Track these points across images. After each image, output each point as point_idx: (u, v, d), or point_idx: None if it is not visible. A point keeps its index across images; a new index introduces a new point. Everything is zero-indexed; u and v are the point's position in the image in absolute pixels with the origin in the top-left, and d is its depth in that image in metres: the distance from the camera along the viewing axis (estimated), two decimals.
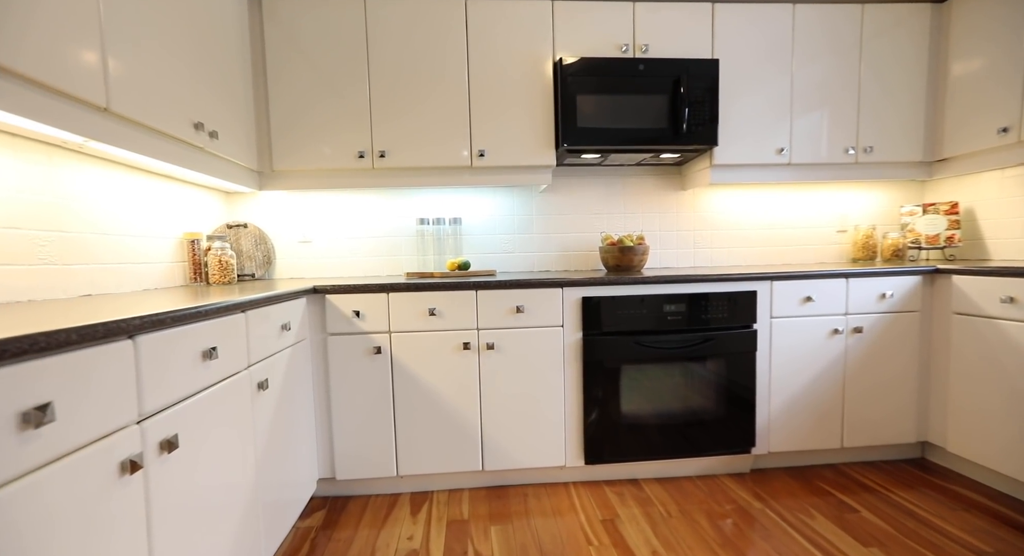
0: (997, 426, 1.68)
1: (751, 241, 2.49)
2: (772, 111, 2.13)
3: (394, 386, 1.77)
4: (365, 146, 2.00)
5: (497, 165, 2.04)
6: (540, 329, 1.80)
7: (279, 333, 1.43)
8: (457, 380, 1.79)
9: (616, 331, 1.81)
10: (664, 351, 1.81)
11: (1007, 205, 2.17)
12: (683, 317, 1.82)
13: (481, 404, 1.80)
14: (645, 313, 1.80)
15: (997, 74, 1.94)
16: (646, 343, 1.80)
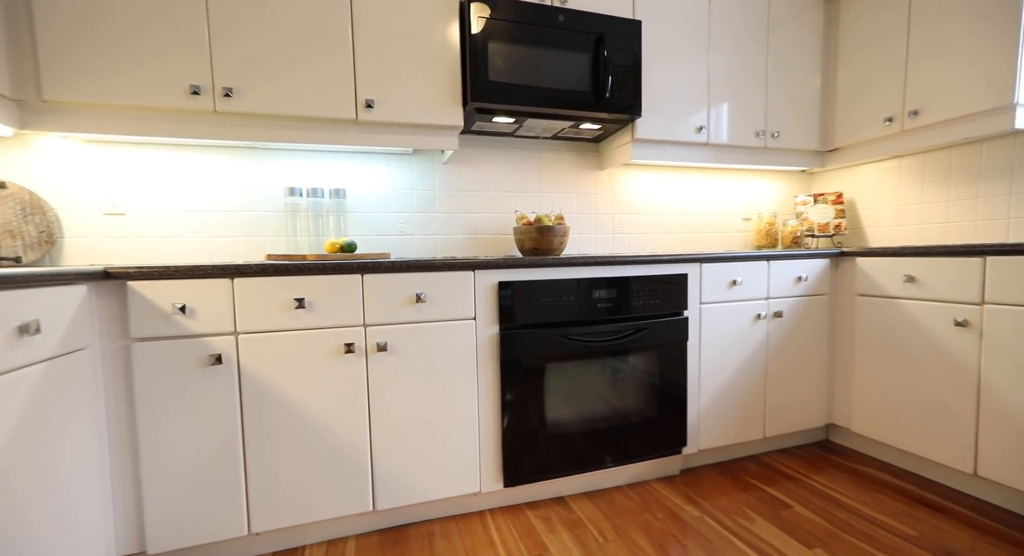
0: (900, 404, 1.71)
1: (668, 227, 2.38)
2: (692, 88, 2.02)
3: (243, 409, 1.26)
4: (201, 77, 1.44)
5: (391, 121, 1.62)
6: (447, 323, 1.43)
7: (11, 340, 0.87)
8: (337, 395, 1.34)
9: (539, 323, 1.51)
10: (593, 345, 1.56)
11: (881, 196, 2.32)
12: (614, 304, 1.58)
13: (371, 424, 1.37)
14: (572, 301, 1.53)
15: (882, 67, 2.03)
16: (574, 336, 1.53)
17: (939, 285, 1.58)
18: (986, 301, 1.47)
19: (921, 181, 2.16)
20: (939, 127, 1.86)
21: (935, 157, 2.10)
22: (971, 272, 1.50)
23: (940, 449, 1.60)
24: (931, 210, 2.12)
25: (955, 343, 1.54)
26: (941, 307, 1.58)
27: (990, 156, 1.92)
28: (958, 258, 1.53)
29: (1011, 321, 1.41)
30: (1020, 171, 1.83)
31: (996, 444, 1.45)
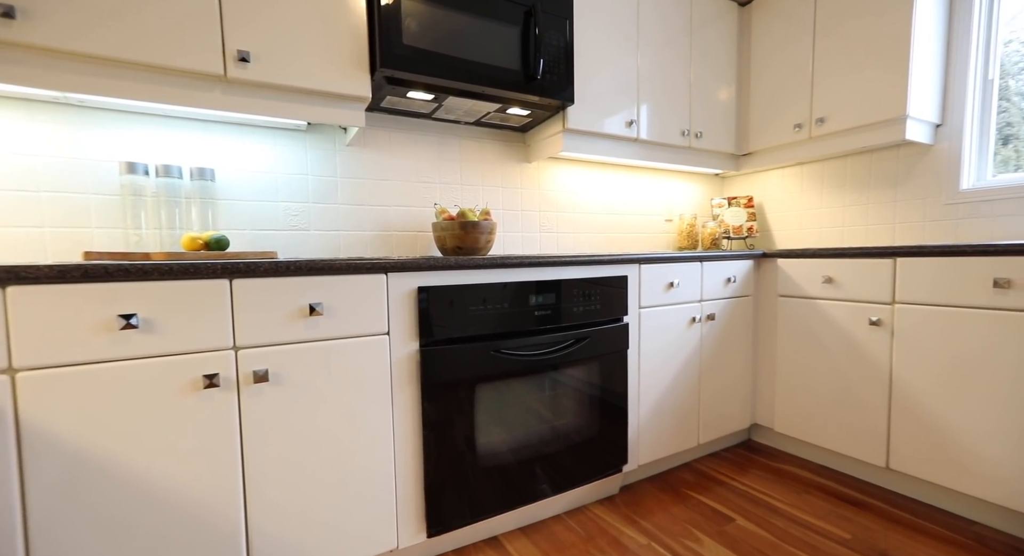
0: (819, 402, 1.75)
1: (595, 226, 2.27)
2: (622, 81, 1.91)
3: (25, 490, 0.84)
4: None
5: (274, 82, 1.26)
6: (353, 341, 1.13)
7: None
8: (192, 447, 0.97)
9: (468, 336, 1.26)
10: (531, 360, 1.35)
11: (786, 200, 2.44)
12: (552, 312, 1.39)
13: (245, 481, 1.02)
14: (506, 308, 1.31)
15: (792, 75, 2.10)
16: (509, 350, 1.31)
17: (855, 286, 1.63)
18: (897, 301, 1.53)
19: (821, 187, 2.29)
20: (842, 135, 1.95)
21: (832, 165, 2.24)
22: (883, 273, 1.56)
23: (856, 444, 1.65)
24: (830, 215, 2.26)
25: (869, 341, 1.60)
26: (857, 307, 1.63)
27: (878, 166, 2.07)
28: (872, 259, 1.58)
29: (918, 319, 1.48)
30: (903, 180, 1.99)
31: (906, 437, 1.52)
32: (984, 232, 1.78)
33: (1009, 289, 1.29)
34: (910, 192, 1.98)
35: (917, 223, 1.96)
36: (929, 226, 1.92)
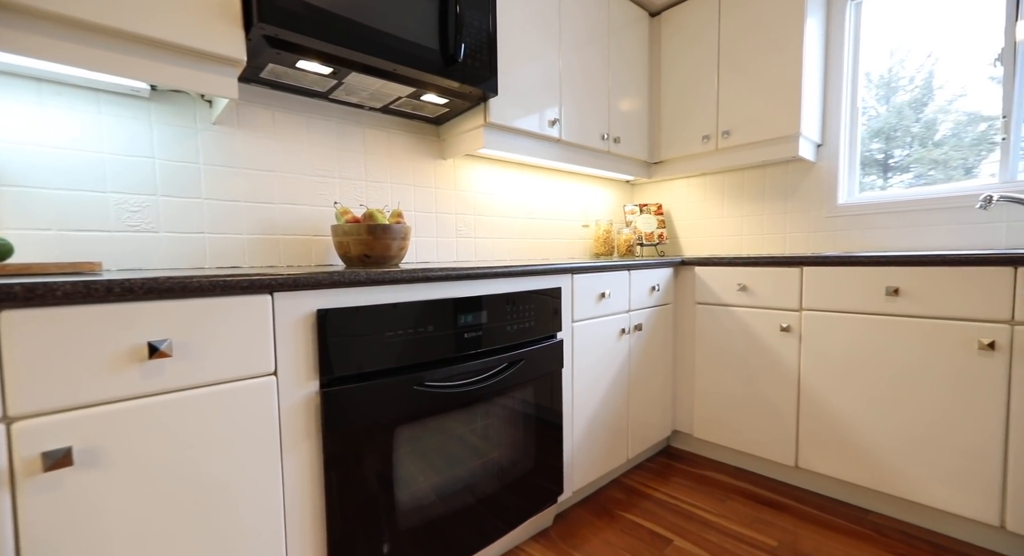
0: (735, 407, 1.80)
1: (516, 232, 2.12)
2: (546, 77, 1.79)
3: None
4: None
5: (94, 21, 0.89)
6: (219, 389, 0.81)
7: None
8: None
9: (384, 369, 1.01)
10: (461, 392, 1.14)
11: (691, 209, 2.55)
12: (485, 332, 1.19)
13: None
14: (431, 331, 1.08)
15: (700, 87, 2.17)
16: (434, 382, 1.08)
17: (767, 293, 1.69)
18: (804, 307, 1.61)
19: (721, 198, 2.42)
20: (745, 148, 2.06)
21: (731, 177, 2.37)
22: (791, 281, 1.63)
23: (769, 446, 1.71)
24: (730, 224, 2.39)
25: (780, 347, 1.67)
26: (769, 314, 1.69)
27: (771, 179, 2.23)
28: (781, 268, 1.65)
29: (822, 325, 1.57)
30: (792, 193, 2.17)
31: (812, 437, 1.60)
32: (857, 243, 1.98)
33: (898, 297, 1.41)
34: (798, 204, 2.15)
35: (804, 233, 2.13)
36: (814, 236, 2.11)
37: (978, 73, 1.80)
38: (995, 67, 1.77)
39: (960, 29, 1.83)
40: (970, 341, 1.29)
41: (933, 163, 1.91)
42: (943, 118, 1.89)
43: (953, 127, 1.86)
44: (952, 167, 1.85)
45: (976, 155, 1.80)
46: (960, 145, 1.84)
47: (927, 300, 1.36)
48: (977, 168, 1.79)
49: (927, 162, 1.92)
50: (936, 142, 1.90)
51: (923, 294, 1.36)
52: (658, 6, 2.30)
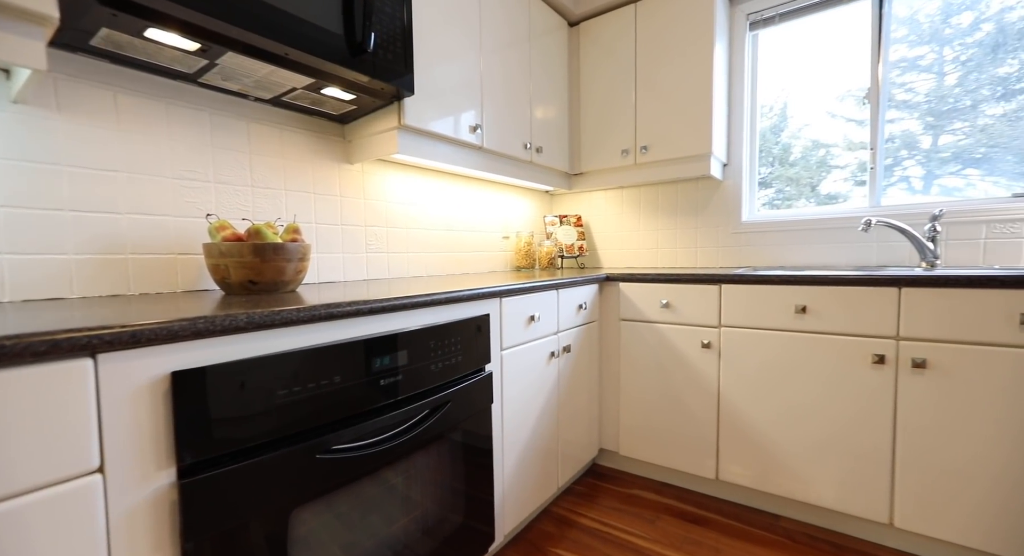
0: (660, 423, 1.81)
1: (433, 245, 1.94)
2: (467, 79, 1.64)
3: None
4: None
5: None
6: (3, 508, 0.54)
7: None
8: None
9: (274, 439, 0.78)
10: (377, 452, 0.94)
11: (609, 221, 2.57)
12: (405, 375, 1.01)
13: None
14: (337, 383, 0.87)
15: (618, 101, 2.18)
16: (344, 444, 0.88)
17: (688, 310, 1.72)
18: (723, 324, 1.65)
19: (638, 211, 2.46)
20: (662, 164, 2.09)
21: (647, 191, 2.42)
22: (711, 298, 1.67)
23: (691, 460, 1.74)
24: (646, 237, 2.44)
25: (701, 363, 1.70)
26: (691, 330, 1.72)
27: (683, 195, 2.32)
28: (702, 285, 1.68)
29: (739, 341, 1.62)
30: (702, 210, 2.26)
31: (731, 450, 1.65)
32: (759, 257, 2.12)
33: (806, 314, 1.49)
34: (708, 220, 2.25)
35: (714, 248, 2.24)
36: (722, 251, 2.22)
37: (819, 107, 2.06)
38: (863, 105, 1.99)
39: (810, 70, 2.05)
40: (864, 355, 1.40)
41: (789, 180, 2.14)
42: (795, 143, 2.12)
43: (802, 151, 2.11)
44: (802, 185, 2.11)
45: (819, 176, 2.06)
46: (808, 166, 2.09)
47: (829, 317, 1.45)
48: (819, 186, 2.07)
49: (784, 179, 2.15)
50: (791, 162, 2.13)
51: (825, 312, 1.45)
52: (577, 16, 2.27)
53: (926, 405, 1.32)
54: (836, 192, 2.06)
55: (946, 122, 1.83)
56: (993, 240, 1.66)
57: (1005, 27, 1.71)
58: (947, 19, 1.82)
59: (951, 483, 1.30)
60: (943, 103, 1.83)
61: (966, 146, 1.79)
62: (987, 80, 1.74)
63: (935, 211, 1.67)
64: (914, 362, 1.32)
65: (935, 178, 1.86)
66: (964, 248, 1.70)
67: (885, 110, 1.93)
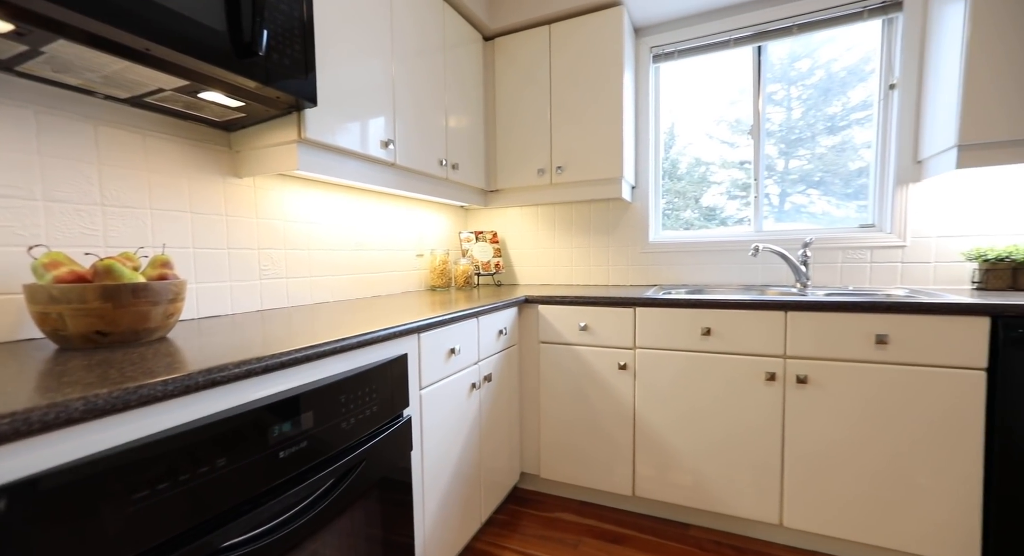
0: (580, 444, 1.82)
1: (340, 267, 1.76)
2: (377, 90, 1.51)
3: None
4: None
5: None
6: None
7: None
8: None
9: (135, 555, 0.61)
10: (279, 537, 0.79)
11: (525, 238, 2.57)
12: (310, 442, 0.86)
13: None
14: (224, 465, 0.71)
15: (534, 120, 2.18)
16: (236, 539, 0.72)
17: (606, 332, 1.76)
18: (637, 346, 1.71)
19: (553, 228, 2.49)
20: (577, 185, 2.13)
21: (562, 209, 2.46)
22: (627, 321, 1.72)
23: (609, 479, 1.78)
24: (561, 254, 2.48)
25: (618, 383, 1.74)
26: (608, 352, 1.75)
27: (596, 215, 2.39)
28: (618, 308, 1.73)
29: (652, 362, 1.69)
30: (614, 229, 2.36)
31: (646, 466, 1.72)
32: (664, 276, 2.26)
33: (710, 336, 1.60)
34: (619, 240, 2.35)
35: (624, 266, 2.34)
36: (632, 269, 2.33)
37: (700, 130, 2.30)
38: (747, 138, 2.22)
39: (696, 97, 2.26)
40: (759, 373, 1.54)
41: (677, 193, 2.36)
42: (681, 159, 2.34)
43: (687, 167, 2.34)
44: (688, 197, 2.35)
45: (701, 189, 2.31)
46: (692, 180, 2.32)
47: (730, 338, 1.57)
48: (702, 198, 2.31)
49: (673, 192, 2.37)
50: (678, 177, 2.35)
51: (727, 333, 1.57)
52: (492, 31, 2.23)
53: (808, 416, 1.48)
54: (715, 204, 2.29)
55: (794, 149, 2.13)
56: (847, 264, 1.94)
57: (832, 75, 2.03)
58: (792, 63, 2.11)
59: (827, 482, 1.47)
60: (792, 133, 2.13)
61: (808, 170, 2.10)
62: (821, 117, 2.06)
63: (806, 239, 1.90)
64: (798, 378, 1.48)
65: (787, 196, 2.15)
66: (827, 271, 1.97)
67: (764, 143, 2.17)
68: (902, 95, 1.83)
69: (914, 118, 1.82)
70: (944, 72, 1.61)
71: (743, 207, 2.23)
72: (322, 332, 1.00)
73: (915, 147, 1.82)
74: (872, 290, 1.81)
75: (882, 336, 1.37)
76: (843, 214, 2.05)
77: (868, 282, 1.91)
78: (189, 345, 0.87)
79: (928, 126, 1.72)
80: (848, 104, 2.01)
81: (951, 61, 1.57)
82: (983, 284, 1.66)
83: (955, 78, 1.54)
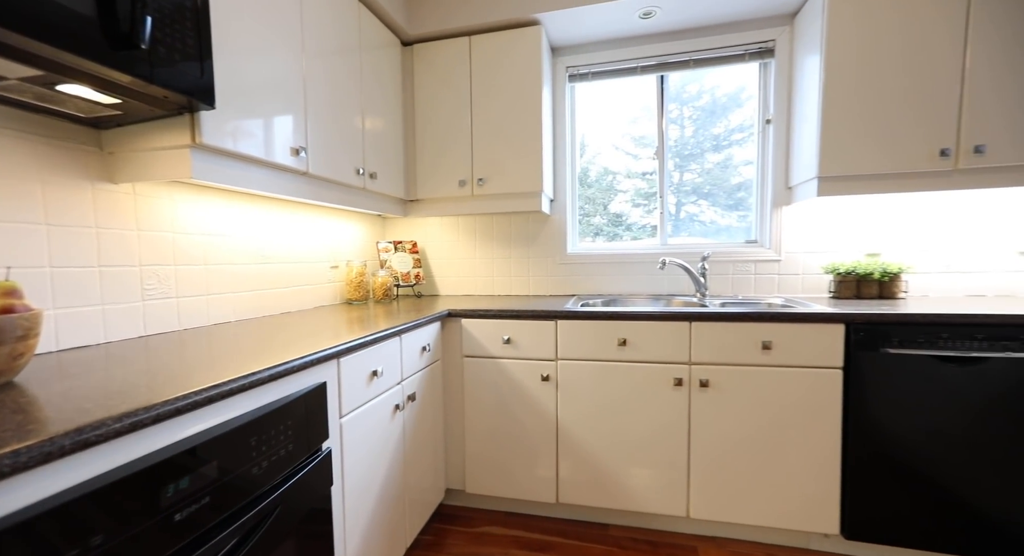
0: (505, 457, 1.83)
1: (242, 282, 1.59)
2: (285, 87, 1.39)
3: None
4: None
5: None
6: None
7: None
8: None
9: None
10: None
11: (446, 248, 2.54)
12: (213, 495, 0.76)
13: None
14: (100, 545, 0.60)
15: (454, 133, 2.16)
16: None
17: (529, 345, 1.79)
18: (559, 357, 1.77)
19: (474, 239, 2.49)
20: (498, 197, 2.15)
21: (483, 220, 2.47)
22: (549, 334, 1.77)
23: (534, 488, 1.81)
24: (483, 265, 2.49)
25: (542, 395, 1.78)
26: (531, 364, 1.79)
27: (517, 227, 2.43)
28: (540, 321, 1.77)
29: (573, 373, 1.75)
30: (534, 240, 2.42)
31: (568, 473, 1.78)
32: (583, 286, 2.36)
33: (626, 346, 1.70)
34: (539, 251, 2.41)
35: (545, 277, 2.41)
36: (552, 279, 2.40)
37: (608, 142, 2.47)
38: (653, 159, 2.41)
39: (604, 112, 2.43)
40: (668, 379, 1.67)
41: (588, 200, 2.51)
42: (591, 167, 2.51)
43: (596, 175, 2.51)
44: (597, 204, 2.51)
45: (609, 197, 2.48)
46: (601, 188, 2.50)
47: (643, 348, 1.68)
48: (610, 205, 2.49)
49: (584, 198, 2.52)
50: (589, 184, 2.51)
51: (641, 343, 1.68)
52: (411, 37, 2.17)
53: (709, 416, 1.64)
54: (622, 211, 2.46)
55: (687, 163, 2.37)
56: (737, 276, 2.18)
57: (716, 100, 2.31)
58: (684, 86, 2.34)
59: (725, 474, 1.64)
60: (685, 149, 2.37)
61: (699, 183, 2.35)
62: (708, 136, 2.32)
63: (704, 253, 2.10)
64: (701, 382, 1.63)
65: (683, 205, 2.39)
66: (721, 281, 2.20)
67: (668, 173, 2.37)
68: (776, 129, 2.11)
69: (785, 150, 2.10)
70: (807, 112, 1.89)
71: (646, 214, 2.42)
72: (224, 362, 0.89)
73: (787, 175, 2.11)
74: (757, 299, 2.06)
75: (767, 342, 1.57)
76: (727, 223, 2.31)
77: (753, 291, 2.17)
78: (48, 392, 0.72)
79: (796, 158, 2.00)
80: (729, 126, 2.29)
81: (811, 104, 1.84)
82: (836, 294, 1.97)
83: (815, 119, 1.81)
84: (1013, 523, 1.43)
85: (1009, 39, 1.58)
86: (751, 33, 2.11)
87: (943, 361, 1.45)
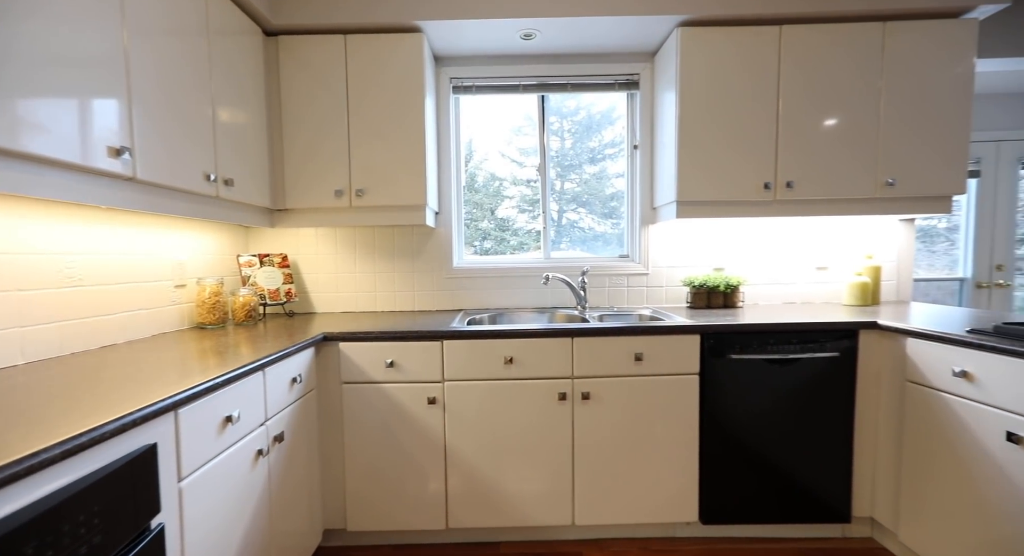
0: (390, 487, 1.72)
1: (39, 313, 1.25)
2: (97, 70, 1.12)
3: None
4: None
5: None
6: None
7: None
8: None
9: None
10: None
11: (322, 261, 2.33)
12: None
13: None
14: None
15: (330, 139, 1.97)
16: None
17: (414, 368, 1.70)
18: (446, 378, 1.72)
19: (354, 252, 2.32)
20: (379, 210, 2.02)
21: (364, 232, 2.32)
22: (434, 354, 1.71)
23: (423, 517, 1.73)
24: (364, 279, 2.33)
25: (428, 418, 1.71)
26: (417, 387, 1.71)
27: (400, 240, 2.33)
28: (425, 342, 1.70)
29: (461, 393, 1.72)
30: (419, 254, 2.33)
31: (458, 496, 1.73)
32: (469, 300, 2.34)
33: (512, 364, 1.71)
34: (424, 265, 2.33)
35: (430, 291, 2.33)
36: (438, 294, 2.34)
37: (494, 149, 2.53)
38: (537, 172, 2.49)
39: (491, 123, 2.49)
40: (553, 394, 1.72)
41: (475, 205, 2.55)
42: (478, 173, 2.56)
43: (483, 181, 2.57)
44: (484, 208, 2.56)
45: (496, 202, 2.54)
46: (488, 193, 2.56)
47: (529, 365, 1.71)
48: (496, 210, 2.55)
49: (472, 204, 2.55)
50: (476, 189, 2.55)
51: (527, 360, 1.71)
52: (275, 26, 1.94)
53: (590, 426, 1.73)
54: (508, 216, 2.52)
55: (567, 173, 2.52)
56: (612, 288, 2.35)
57: (592, 115, 2.50)
58: (563, 101, 2.50)
59: (604, 479, 1.74)
60: (565, 159, 2.51)
61: (578, 193, 2.52)
62: (585, 149, 2.51)
63: (584, 267, 2.23)
64: (583, 395, 1.71)
65: (564, 212, 2.54)
66: (598, 293, 2.35)
67: (551, 181, 2.46)
68: (642, 154, 2.33)
69: (650, 173, 2.33)
70: (667, 141, 2.11)
71: (531, 220, 2.50)
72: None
73: (652, 196, 2.33)
74: (629, 310, 2.24)
75: (639, 354, 1.70)
76: (603, 230, 2.50)
77: (627, 302, 2.35)
78: None
79: (660, 181, 2.23)
80: (603, 141, 2.48)
81: (670, 134, 2.06)
82: (692, 304, 2.23)
83: (672, 149, 2.02)
84: (820, 488, 1.75)
85: (810, 90, 1.94)
86: (620, 65, 2.29)
87: (770, 363, 1.72)
